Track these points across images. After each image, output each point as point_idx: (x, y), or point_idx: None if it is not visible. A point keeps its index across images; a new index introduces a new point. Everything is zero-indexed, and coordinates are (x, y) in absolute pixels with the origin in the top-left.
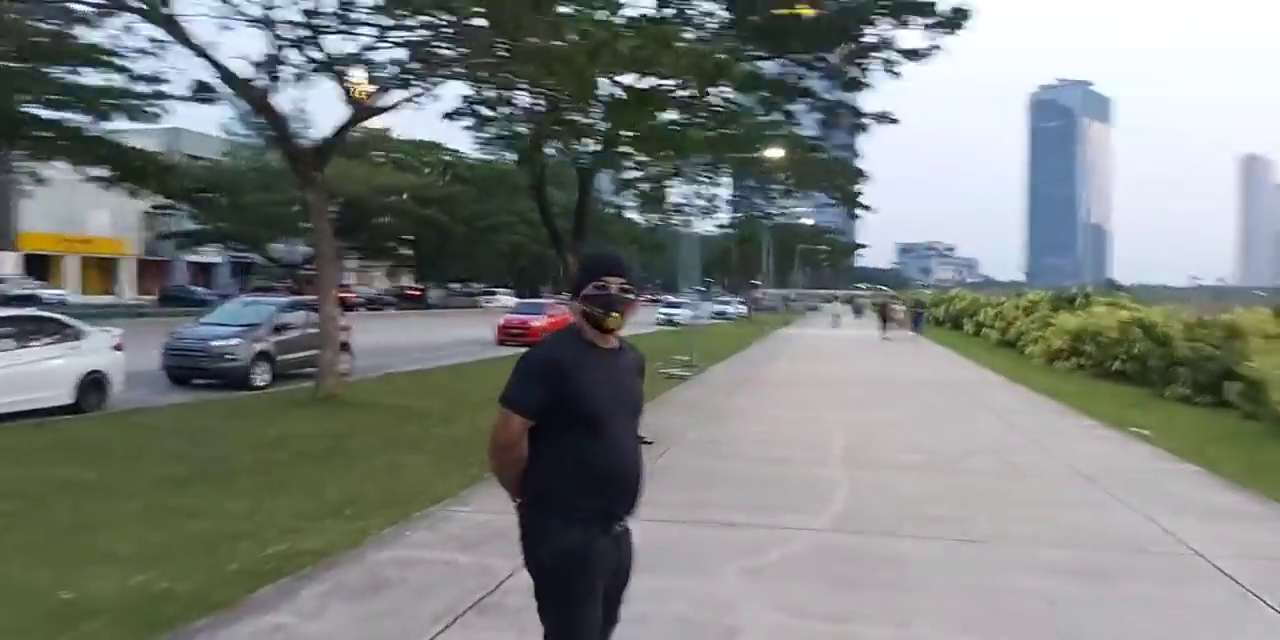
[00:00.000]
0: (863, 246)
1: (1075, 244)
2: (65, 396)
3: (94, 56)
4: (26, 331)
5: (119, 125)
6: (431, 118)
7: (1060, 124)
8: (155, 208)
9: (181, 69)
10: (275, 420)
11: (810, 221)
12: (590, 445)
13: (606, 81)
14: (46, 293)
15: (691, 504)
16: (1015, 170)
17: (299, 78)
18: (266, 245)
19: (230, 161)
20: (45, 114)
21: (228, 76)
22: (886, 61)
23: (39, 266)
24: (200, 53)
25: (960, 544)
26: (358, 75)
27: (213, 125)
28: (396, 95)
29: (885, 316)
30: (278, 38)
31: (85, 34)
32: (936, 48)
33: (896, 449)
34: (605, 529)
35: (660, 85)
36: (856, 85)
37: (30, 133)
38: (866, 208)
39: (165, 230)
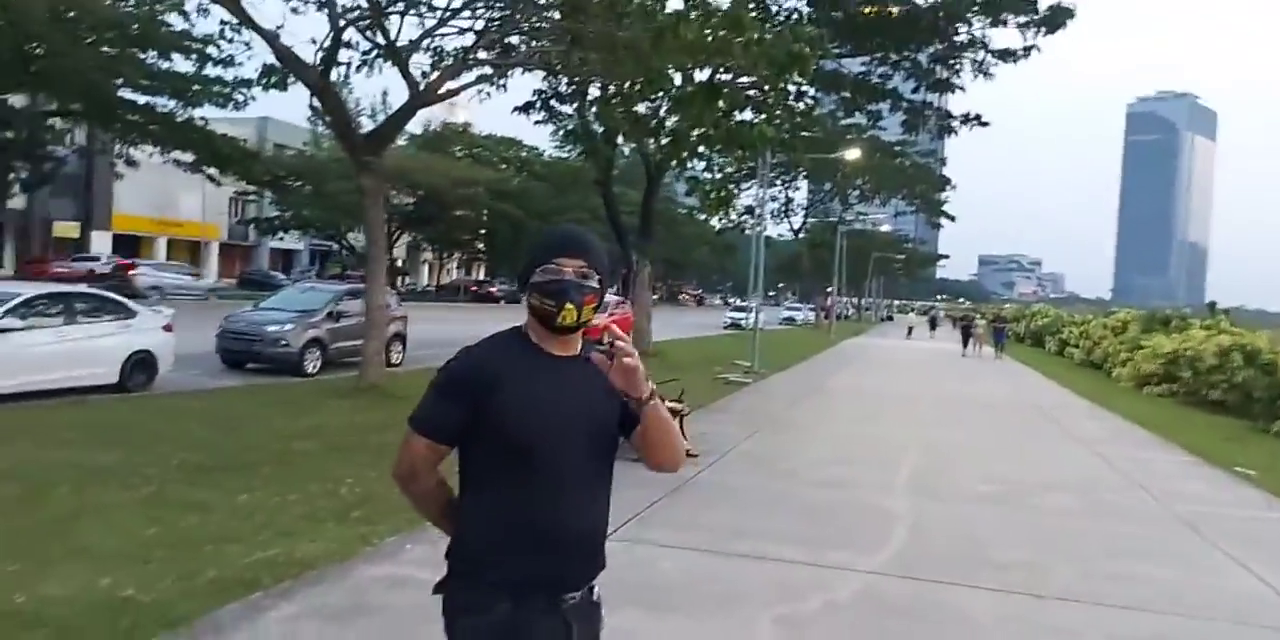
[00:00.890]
0: (943, 257)
1: (1168, 263)
2: (110, 375)
3: (181, 43)
4: (76, 309)
5: (213, 114)
6: (510, 113)
7: (1159, 137)
8: (240, 194)
9: (254, 54)
10: (312, 409)
11: (887, 228)
12: (525, 486)
13: (679, 76)
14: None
15: (730, 530)
16: (1108, 184)
17: (366, 64)
18: (346, 233)
19: (314, 150)
20: (138, 98)
21: (286, 58)
22: (978, 62)
23: (129, 247)
24: (259, 31)
25: (1036, 601)
26: (421, 61)
27: (303, 115)
28: (460, 82)
29: (967, 333)
30: (339, 17)
31: (176, 22)
32: (1033, 48)
33: (969, 477)
34: (549, 603)
35: (734, 79)
36: (945, 87)
37: (123, 116)
38: (950, 217)
39: (249, 216)
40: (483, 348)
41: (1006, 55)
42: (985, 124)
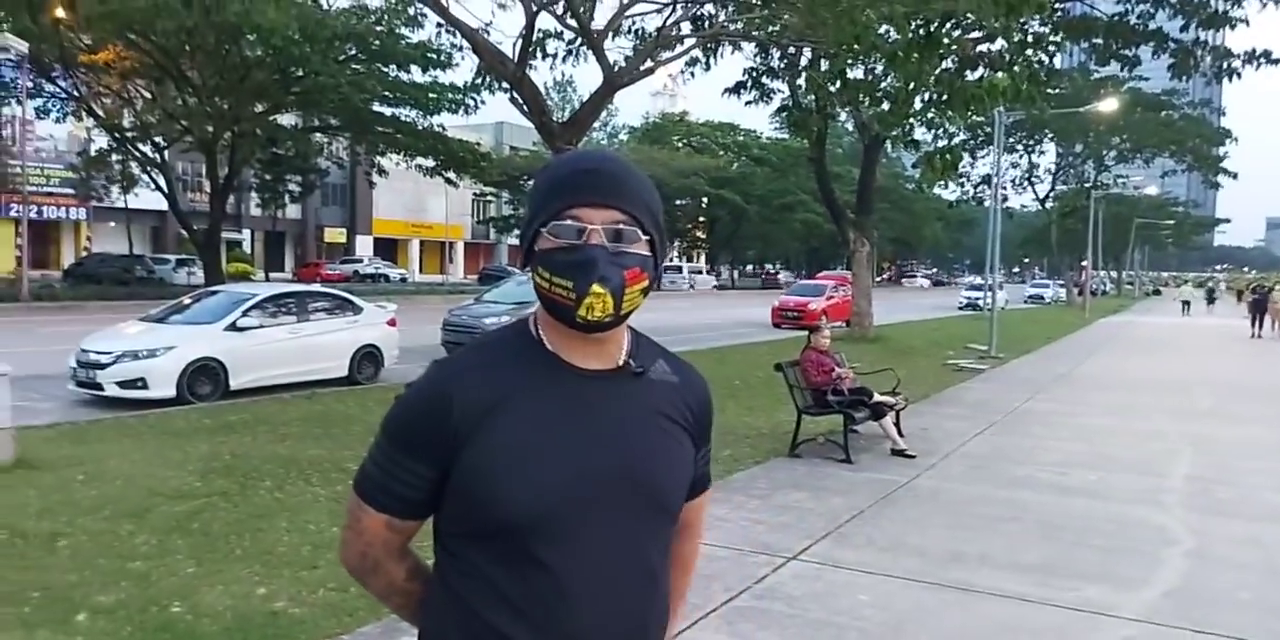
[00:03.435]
0: (1222, 221)
1: None
2: (340, 369)
3: (416, 54)
4: (308, 307)
5: (454, 121)
6: (720, 95)
7: None
8: (479, 195)
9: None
10: None
11: (1153, 191)
12: (521, 586)
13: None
14: (391, 271)
15: (947, 554)
16: None
17: (572, 53)
18: None
19: (544, 150)
20: (384, 110)
21: (484, 51)
22: None
23: (387, 249)
24: (458, 26)
25: None
26: (624, 45)
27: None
28: (659, 60)
29: (1259, 307)
30: (530, 2)
31: (408, 35)
32: None
33: (1265, 485)
34: None
35: (961, 34)
36: (1222, 21)
37: (375, 128)
38: (1231, 174)
39: (489, 216)
40: (462, 361)
41: None
42: (1276, 61)
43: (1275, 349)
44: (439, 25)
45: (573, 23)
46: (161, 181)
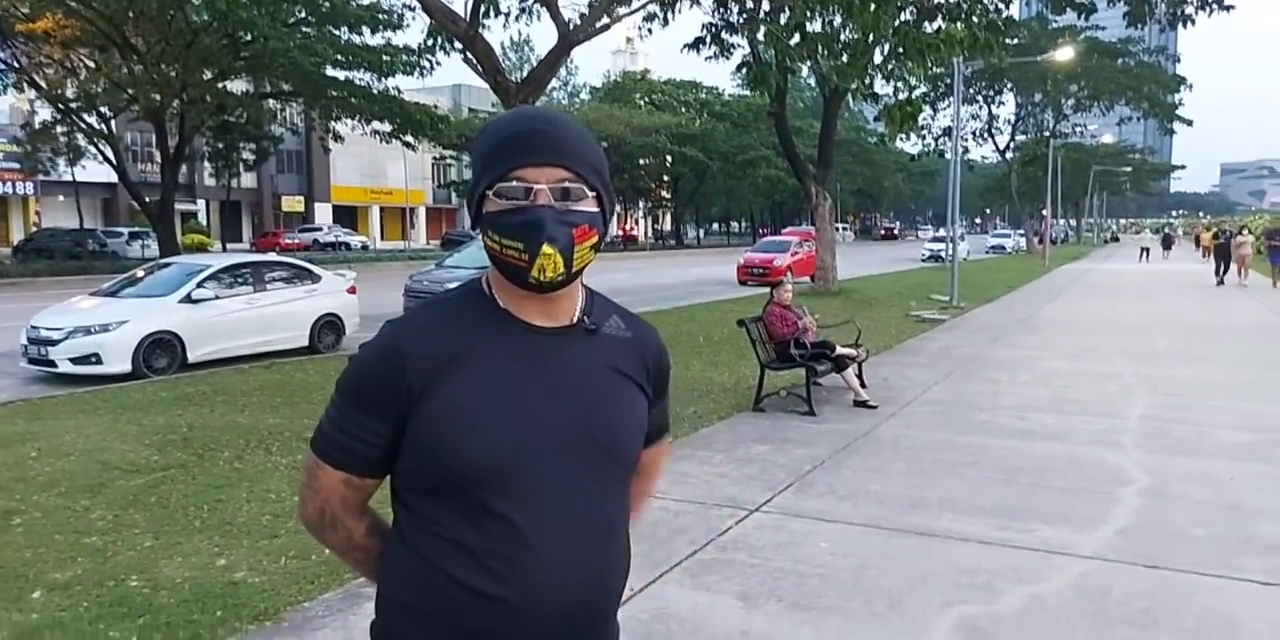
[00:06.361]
0: (1177, 167)
1: None
2: (300, 338)
3: (367, 15)
4: (265, 276)
5: (410, 84)
6: (680, 51)
7: None
8: (439, 159)
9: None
10: None
11: (1109, 139)
12: (477, 538)
13: None
14: (352, 239)
15: (908, 500)
16: None
17: (525, 12)
18: None
19: (502, 111)
20: (338, 74)
21: (434, 10)
22: None
23: (347, 216)
24: None
25: None
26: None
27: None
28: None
29: (1224, 252)
30: None
31: None
32: None
33: (1221, 423)
34: None
35: None
36: None
37: (328, 92)
38: (1185, 121)
39: (449, 180)
40: (415, 319)
41: None
42: (1228, 7)
43: (1231, 291)
44: None
45: None
46: (110, 153)
